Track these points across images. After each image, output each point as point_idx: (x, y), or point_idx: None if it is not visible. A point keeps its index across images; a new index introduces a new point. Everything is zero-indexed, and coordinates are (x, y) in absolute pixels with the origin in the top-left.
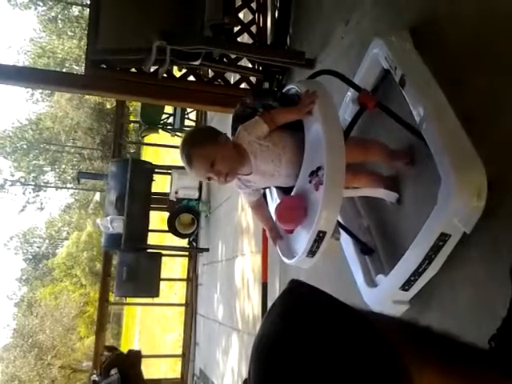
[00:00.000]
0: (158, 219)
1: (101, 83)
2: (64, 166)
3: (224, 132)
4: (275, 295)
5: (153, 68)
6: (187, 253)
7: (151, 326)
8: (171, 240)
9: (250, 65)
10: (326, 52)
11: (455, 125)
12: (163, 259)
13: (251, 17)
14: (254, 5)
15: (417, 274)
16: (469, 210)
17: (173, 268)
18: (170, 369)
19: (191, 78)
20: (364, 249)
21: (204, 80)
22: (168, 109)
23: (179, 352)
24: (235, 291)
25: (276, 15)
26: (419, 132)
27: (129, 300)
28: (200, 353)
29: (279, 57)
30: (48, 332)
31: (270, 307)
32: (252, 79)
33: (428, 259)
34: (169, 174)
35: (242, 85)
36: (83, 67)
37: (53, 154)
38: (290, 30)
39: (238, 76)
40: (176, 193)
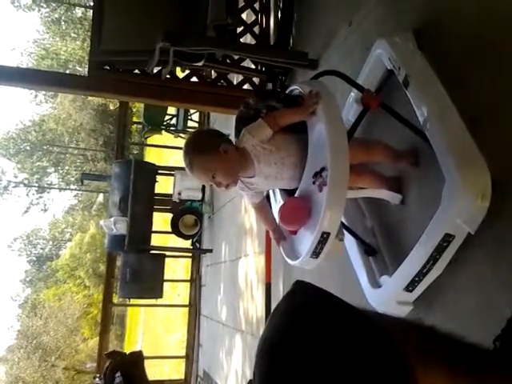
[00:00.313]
0: (162, 220)
1: (104, 84)
2: (67, 168)
3: (227, 134)
4: (279, 296)
5: (156, 69)
6: (190, 254)
7: (155, 328)
8: (174, 241)
9: (253, 66)
10: (329, 53)
11: (459, 125)
12: (166, 260)
13: (254, 17)
14: (257, 5)
15: (421, 275)
16: (473, 211)
17: (176, 269)
18: (174, 370)
19: (194, 79)
20: (368, 250)
21: (207, 81)
22: (171, 110)
23: (183, 353)
24: (239, 292)
25: (279, 16)
26: (423, 132)
27: (132, 301)
28: (204, 354)
29: (282, 57)
30: (52, 333)
31: (275, 308)
32: (255, 80)
33: (432, 260)
34: (172, 175)
35: (245, 86)
36: (86, 69)
37: (56, 156)
38: (293, 31)
39: (241, 77)
40: (179, 194)
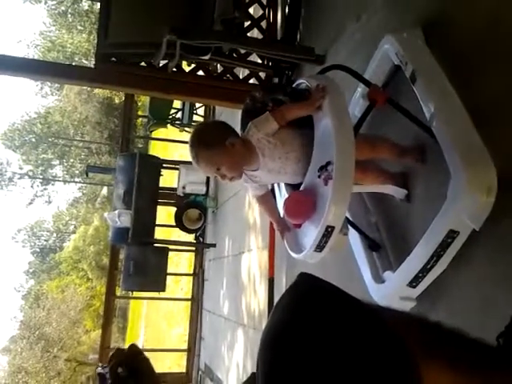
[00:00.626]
0: (166, 214)
1: (110, 77)
2: (72, 160)
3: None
4: (282, 290)
5: (162, 62)
6: (194, 248)
7: (157, 321)
8: (178, 235)
9: (260, 60)
10: (337, 48)
11: (466, 121)
12: (170, 254)
13: (261, 12)
14: (265, 0)
15: (424, 271)
16: (478, 207)
17: (179, 263)
18: (176, 363)
19: (200, 73)
20: (372, 245)
21: (213, 75)
22: (176, 104)
23: (185, 347)
24: (241, 286)
25: (286, 10)
26: (429, 128)
27: (135, 294)
28: (205, 347)
29: (289, 52)
30: (54, 325)
31: (279, 300)
32: (261, 75)
33: (436, 256)
34: (176, 169)
35: (251, 80)
36: (92, 61)
37: (61, 148)
38: (300, 26)
39: (248, 71)
40: (183, 188)
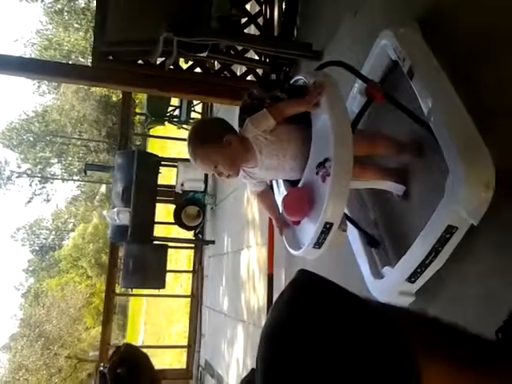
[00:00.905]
0: (164, 211)
1: (108, 75)
2: (70, 158)
3: (231, 124)
4: (281, 287)
5: (159, 60)
6: (193, 245)
7: (157, 318)
8: (177, 232)
9: (257, 57)
10: (334, 43)
11: (464, 116)
12: (169, 251)
13: (258, 8)
14: None
15: (423, 266)
16: (476, 202)
17: (179, 260)
18: (176, 360)
19: (198, 70)
20: (370, 241)
21: (210, 72)
22: (174, 101)
23: (185, 343)
24: (241, 283)
25: (283, 7)
26: (427, 123)
27: (135, 291)
28: (205, 344)
29: (286, 48)
30: (54, 322)
31: (278, 296)
32: (259, 71)
33: (434, 251)
34: (175, 167)
35: (249, 77)
36: (89, 60)
37: (59, 147)
38: (298, 22)
39: (245, 68)
40: (182, 185)
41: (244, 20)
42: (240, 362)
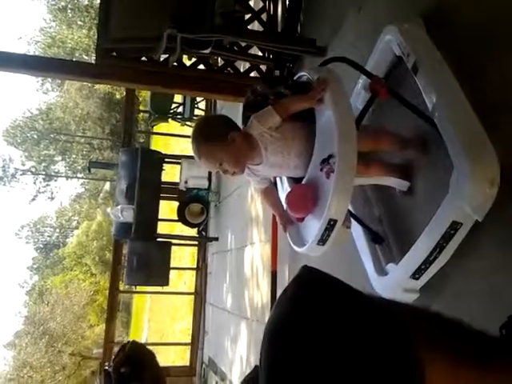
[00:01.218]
0: (168, 209)
1: (111, 72)
2: (74, 156)
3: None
4: (284, 283)
5: (163, 57)
6: (197, 242)
7: (160, 315)
8: (181, 229)
9: (261, 53)
10: (338, 39)
11: (468, 112)
12: (173, 248)
13: (262, 4)
14: None
15: (427, 263)
16: (481, 198)
17: (182, 257)
18: (179, 357)
19: (201, 67)
20: (374, 238)
21: (214, 68)
22: (178, 98)
23: (188, 340)
24: (244, 280)
25: (287, 3)
26: (431, 119)
27: (138, 288)
28: (209, 341)
29: (290, 45)
30: (59, 320)
31: (281, 293)
32: (262, 67)
33: (439, 248)
34: (178, 164)
35: (253, 73)
36: (93, 57)
37: (63, 144)
38: (301, 18)
39: (248, 64)
40: (186, 182)
41: (247, 16)
42: (243, 359)
